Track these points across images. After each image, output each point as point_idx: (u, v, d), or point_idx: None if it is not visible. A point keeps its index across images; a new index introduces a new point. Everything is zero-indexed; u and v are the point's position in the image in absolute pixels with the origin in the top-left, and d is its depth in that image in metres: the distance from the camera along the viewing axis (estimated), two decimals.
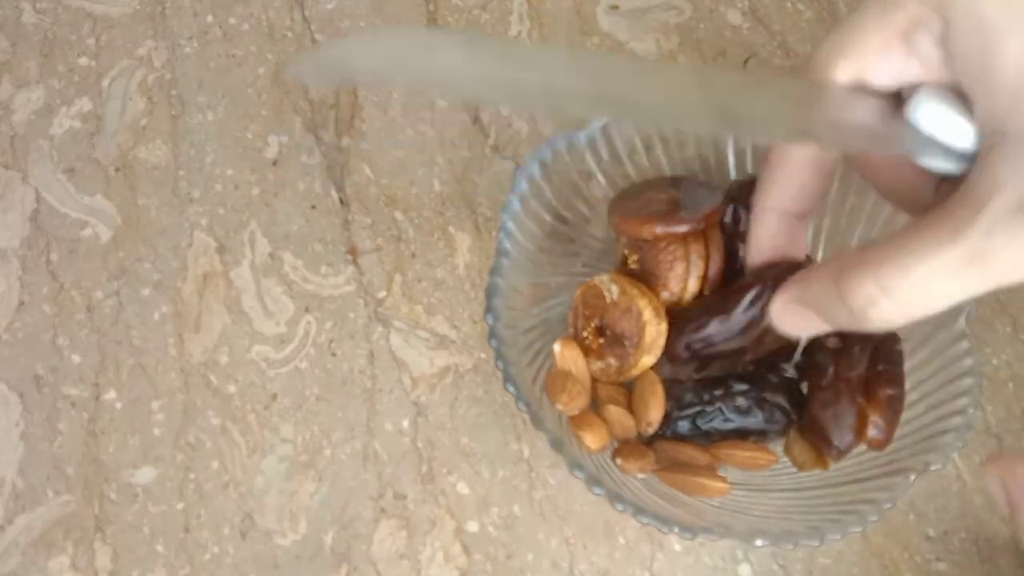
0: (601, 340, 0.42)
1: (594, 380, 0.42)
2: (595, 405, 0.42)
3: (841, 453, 0.37)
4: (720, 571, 0.42)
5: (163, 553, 0.42)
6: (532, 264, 0.43)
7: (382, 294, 0.48)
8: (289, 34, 0.54)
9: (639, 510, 0.36)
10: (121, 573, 0.42)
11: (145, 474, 0.44)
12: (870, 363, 0.38)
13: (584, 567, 0.42)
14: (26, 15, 0.55)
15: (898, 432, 0.38)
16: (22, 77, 0.53)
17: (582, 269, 0.46)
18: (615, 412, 0.40)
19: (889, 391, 0.37)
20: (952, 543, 0.42)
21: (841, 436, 0.37)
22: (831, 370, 0.39)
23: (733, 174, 0.45)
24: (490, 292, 0.40)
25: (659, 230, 0.40)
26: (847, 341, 0.39)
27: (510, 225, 0.41)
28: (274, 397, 0.45)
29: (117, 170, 0.51)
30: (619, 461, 0.40)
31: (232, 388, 0.46)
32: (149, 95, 0.53)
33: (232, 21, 0.55)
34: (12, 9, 0.55)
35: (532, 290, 0.43)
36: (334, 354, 0.46)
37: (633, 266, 0.43)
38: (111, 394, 0.46)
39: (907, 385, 0.39)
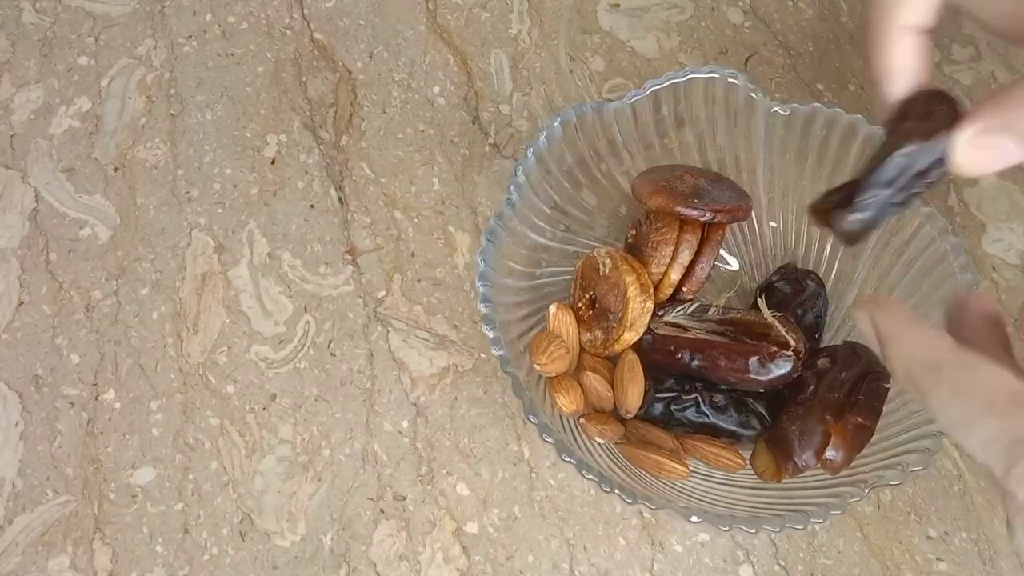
0: (591, 312, 0.42)
1: (583, 350, 0.42)
2: (579, 373, 0.42)
3: (798, 470, 0.37)
4: (721, 572, 0.42)
5: (162, 553, 0.42)
6: (534, 227, 0.44)
7: (381, 294, 0.48)
8: (288, 32, 0.54)
9: (605, 480, 0.36)
10: (120, 573, 0.42)
11: (144, 474, 0.44)
12: (852, 390, 0.38)
13: (584, 568, 0.42)
14: (26, 15, 0.55)
15: (867, 448, 0.38)
16: (22, 77, 0.53)
17: (581, 241, 0.46)
18: (592, 379, 0.41)
19: (859, 419, 0.37)
20: (953, 543, 0.42)
21: (803, 453, 0.37)
22: (812, 388, 0.39)
23: (764, 173, 0.45)
24: (488, 235, 0.40)
25: (662, 202, 0.40)
26: (835, 364, 0.39)
27: (521, 178, 0.42)
28: (273, 397, 0.45)
29: (116, 169, 0.51)
30: (582, 421, 0.40)
31: (231, 388, 0.46)
32: (148, 94, 0.53)
33: (231, 20, 0.55)
34: (12, 9, 0.55)
35: (530, 254, 0.44)
36: (333, 354, 0.46)
37: (630, 240, 0.43)
38: (110, 394, 0.45)
39: (888, 405, 0.39)
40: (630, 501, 0.36)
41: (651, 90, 0.43)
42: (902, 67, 0.31)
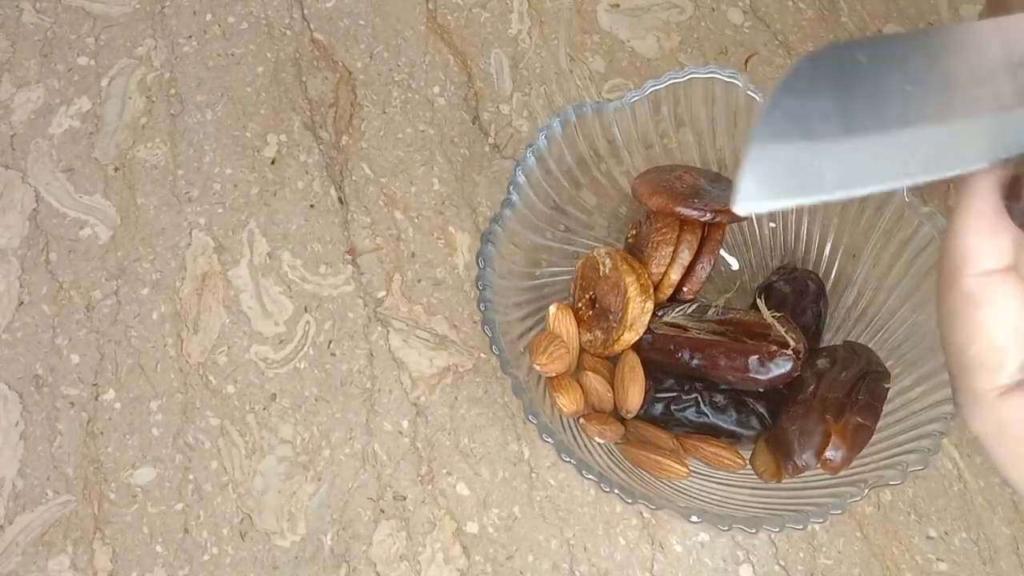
0: (591, 312, 0.42)
1: (583, 351, 0.42)
2: (579, 373, 0.42)
3: (798, 470, 0.37)
4: (721, 572, 0.42)
5: (162, 553, 0.42)
6: (533, 228, 0.44)
7: (381, 294, 0.48)
8: (288, 32, 0.54)
9: (605, 480, 0.36)
10: (120, 573, 0.42)
11: (144, 474, 0.44)
12: (852, 389, 0.38)
13: (584, 568, 0.42)
14: (26, 15, 0.55)
15: (867, 448, 0.38)
16: (22, 77, 0.53)
17: (581, 241, 0.46)
18: (592, 379, 0.41)
19: (859, 419, 0.37)
20: (953, 543, 0.42)
21: (803, 453, 0.37)
22: (812, 388, 0.38)
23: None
24: (487, 236, 0.40)
25: (662, 202, 0.40)
26: (835, 364, 0.39)
27: (521, 178, 0.42)
28: (273, 397, 0.45)
29: (116, 169, 0.51)
30: (582, 421, 0.40)
31: (231, 388, 0.46)
32: (148, 94, 0.53)
33: (231, 20, 0.55)
34: (12, 9, 0.55)
35: (530, 255, 0.44)
36: (333, 354, 0.46)
37: (630, 240, 0.43)
38: (110, 394, 0.45)
39: (888, 405, 0.38)
40: (630, 501, 0.36)
41: (651, 90, 0.43)
42: None
